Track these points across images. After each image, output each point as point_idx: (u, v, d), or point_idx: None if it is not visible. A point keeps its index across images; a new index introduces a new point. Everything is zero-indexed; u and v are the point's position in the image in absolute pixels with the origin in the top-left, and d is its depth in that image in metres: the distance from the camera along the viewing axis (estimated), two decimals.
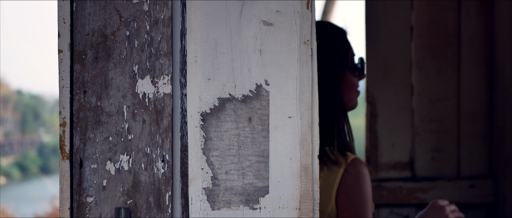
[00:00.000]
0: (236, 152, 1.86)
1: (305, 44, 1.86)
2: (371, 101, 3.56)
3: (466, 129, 3.53)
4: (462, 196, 3.51)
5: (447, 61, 3.52)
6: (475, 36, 3.49)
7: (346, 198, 2.43)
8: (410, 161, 3.57)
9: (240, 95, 1.86)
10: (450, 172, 3.55)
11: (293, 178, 1.86)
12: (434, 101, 3.53)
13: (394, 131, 3.56)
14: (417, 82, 3.54)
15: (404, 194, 3.51)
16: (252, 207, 1.86)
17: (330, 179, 2.47)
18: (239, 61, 1.86)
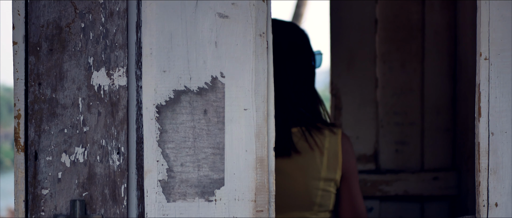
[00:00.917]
0: (191, 144, 1.86)
1: (260, 36, 1.87)
2: (335, 94, 3.57)
3: (430, 122, 3.55)
4: (425, 188, 3.53)
5: (411, 54, 3.54)
6: (439, 30, 3.51)
7: (354, 171, 2.57)
8: (374, 154, 3.58)
9: (195, 87, 1.86)
10: (414, 164, 3.57)
11: (248, 170, 1.87)
12: (398, 94, 3.55)
13: (358, 124, 3.57)
14: (381, 75, 3.56)
15: (368, 186, 3.53)
16: (208, 199, 1.87)
17: (331, 142, 2.52)
18: (194, 54, 1.86)
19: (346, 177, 2.56)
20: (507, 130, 1.93)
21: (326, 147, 2.51)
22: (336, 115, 3.56)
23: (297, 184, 2.49)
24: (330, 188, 2.52)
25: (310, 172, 2.50)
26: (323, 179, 2.51)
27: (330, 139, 2.52)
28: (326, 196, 2.52)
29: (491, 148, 1.93)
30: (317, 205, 2.51)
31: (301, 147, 2.49)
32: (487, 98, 1.93)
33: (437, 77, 3.53)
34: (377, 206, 3.56)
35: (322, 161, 2.51)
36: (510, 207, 1.94)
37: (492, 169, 1.94)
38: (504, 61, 1.92)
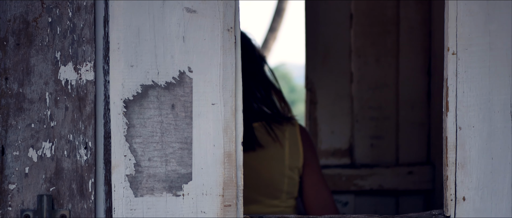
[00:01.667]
0: (159, 139, 1.86)
1: (228, 31, 1.87)
2: (310, 88, 3.58)
3: (404, 116, 3.56)
4: (400, 182, 3.54)
5: (386, 49, 3.55)
6: (413, 24, 3.52)
7: (315, 157, 2.72)
8: (349, 148, 3.59)
9: (163, 82, 1.86)
10: (388, 159, 3.58)
11: (216, 165, 1.87)
12: (373, 88, 3.56)
13: (333, 119, 3.58)
14: (357, 69, 3.56)
15: (343, 181, 3.54)
16: (175, 193, 1.87)
17: (292, 135, 2.66)
18: (162, 48, 1.86)
19: (307, 163, 2.69)
20: (475, 124, 1.94)
21: (286, 137, 2.64)
22: (311, 110, 3.57)
23: (264, 175, 2.61)
24: (294, 175, 2.65)
25: (275, 162, 2.62)
26: (288, 167, 2.63)
27: (289, 130, 2.66)
28: (292, 184, 2.65)
29: (458, 142, 1.94)
30: (285, 193, 2.64)
31: (264, 141, 2.61)
32: (454, 92, 1.94)
33: (412, 72, 3.54)
34: (352, 201, 3.57)
35: (285, 151, 2.63)
36: (478, 201, 1.95)
37: (460, 163, 1.94)
38: (472, 56, 1.93)
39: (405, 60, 3.54)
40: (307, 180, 2.70)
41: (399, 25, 3.53)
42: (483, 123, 1.94)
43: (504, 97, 1.94)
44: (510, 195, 1.95)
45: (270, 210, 2.63)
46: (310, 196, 2.70)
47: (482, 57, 1.94)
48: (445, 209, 1.96)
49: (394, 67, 3.55)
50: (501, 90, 1.94)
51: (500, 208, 1.95)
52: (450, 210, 1.95)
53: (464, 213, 1.95)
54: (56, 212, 1.84)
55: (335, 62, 3.56)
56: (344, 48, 3.55)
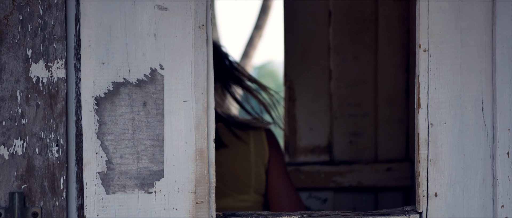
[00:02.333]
0: (131, 136, 1.86)
1: (200, 28, 1.87)
2: (289, 85, 3.58)
3: (383, 113, 3.57)
4: (379, 179, 3.56)
5: (364, 46, 3.56)
6: (392, 22, 3.53)
7: (280, 155, 2.78)
8: (328, 145, 3.60)
9: (134, 80, 1.86)
10: (367, 155, 3.59)
11: (188, 162, 1.88)
12: (352, 85, 3.57)
13: (312, 116, 3.59)
14: (335, 66, 3.57)
15: (322, 177, 3.54)
16: (147, 191, 1.87)
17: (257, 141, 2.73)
18: (133, 46, 1.86)
19: (273, 160, 2.74)
20: (446, 121, 1.95)
21: (251, 136, 2.71)
22: (290, 107, 3.58)
23: (232, 171, 2.67)
24: (261, 172, 2.71)
25: (241, 159, 2.68)
26: (254, 163, 2.69)
27: (254, 130, 2.74)
28: (259, 180, 2.70)
29: (430, 139, 1.95)
30: (252, 188, 2.70)
31: (228, 140, 2.68)
32: (426, 89, 1.95)
33: (391, 68, 3.55)
34: (331, 197, 3.58)
35: (250, 147, 2.69)
36: (450, 197, 1.96)
37: (432, 159, 1.96)
38: (443, 52, 1.94)
39: (384, 57, 3.55)
40: (273, 177, 2.74)
41: (377, 22, 3.54)
42: (455, 119, 1.95)
43: (476, 94, 1.95)
44: (481, 191, 1.97)
45: (241, 204, 2.68)
46: (275, 193, 2.74)
47: (453, 54, 1.95)
48: (417, 205, 1.97)
49: (373, 64, 3.56)
50: (472, 87, 1.95)
51: (472, 204, 1.97)
52: (422, 206, 1.96)
53: (436, 209, 1.96)
54: (28, 210, 1.84)
55: (313, 59, 3.56)
56: (323, 46, 3.56)
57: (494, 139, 1.95)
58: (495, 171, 1.95)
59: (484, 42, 1.95)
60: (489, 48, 1.95)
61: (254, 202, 2.72)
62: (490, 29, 1.95)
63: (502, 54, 1.93)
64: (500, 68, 1.94)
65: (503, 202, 1.95)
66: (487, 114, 1.96)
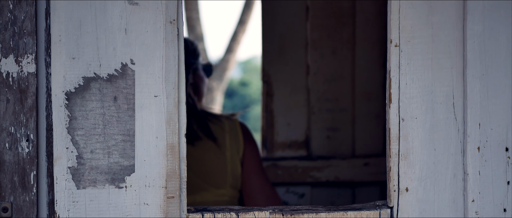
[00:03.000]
0: (101, 131, 1.86)
1: (171, 23, 1.87)
2: (267, 80, 3.59)
3: (360, 108, 3.58)
4: (356, 174, 3.57)
5: (342, 41, 3.56)
6: (369, 17, 3.54)
7: (254, 148, 2.81)
8: (305, 140, 3.61)
9: (105, 74, 1.86)
10: (345, 150, 3.60)
11: (159, 156, 1.87)
12: (329, 80, 3.58)
13: (290, 111, 3.59)
14: (313, 61, 3.58)
15: (299, 172, 3.55)
16: (118, 185, 1.87)
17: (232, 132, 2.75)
18: (104, 40, 1.86)
19: (248, 155, 2.76)
20: (418, 116, 1.96)
21: (226, 131, 2.73)
22: (268, 102, 3.58)
23: (208, 166, 2.69)
24: (236, 166, 2.73)
25: (216, 154, 2.70)
26: (229, 158, 2.71)
27: (229, 124, 2.76)
28: (235, 175, 2.73)
29: (401, 134, 1.96)
30: (229, 183, 2.71)
31: (203, 134, 2.70)
32: (397, 84, 1.95)
33: (368, 64, 3.56)
34: (309, 192, 3.58)
35: (225, 143, 2.72)
36: (421, 192, 1.97)
37: (403, 154, 1.96)
38: (414, 48, 1.95)
39: (361, 52, 3.56)
40: (247, 169, 2.76)
41: (355, 17, 3.54)
42: (426, 114, 1.96)
43: (447, 89, 1.96)
44: (452, 185, 1.98)
45: (219, 198, 2.70)
46: (249, 185, 2.76)
47: (424, 49, 1.95)
48: (389, 200, 1.98)
49: (350, 59, 3.57)
50: (443, 82, 1.96)
51: (442, 198, 1.97)
52: (393, 201, 1.97)
53: (407, 203, 1.97)
54: None
55: (291, 54, 3.57)
56: (301, 41, 3.57)
57: (465, 134, 1.96)
58: (465, 166, 1.96)
59: (455, 38, 1.96)
60: (460, 44, 1.96)
61: (231, 196, 2.73)
62: (461, 25, 1.96)
63: (473, 49, 1.94)
64: (471, 63, 1.94)
65: (473, 197, 1.96)
66: (458, 109, 1.97)
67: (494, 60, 1.95)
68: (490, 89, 1.95)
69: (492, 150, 1.96)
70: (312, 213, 1.94)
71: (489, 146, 1.96)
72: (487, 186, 1.96)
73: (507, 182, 1.97)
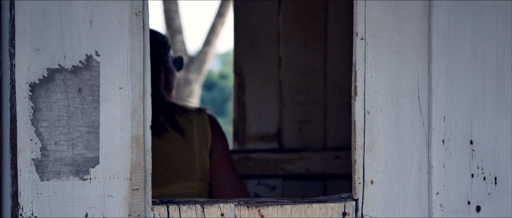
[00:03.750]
0: (66, 123, 1.85)
1: (136, 15, 1.87)
2: (239, 73, 3.59)
3: (332, 101, 3.59)
4: (327, 167, 3.58)
5: (314, 34, 3.57)
6: (341, 10, 3.55)
7: (223, 140, 2.82)
8: (277, 133, 3.62)
9: (70, 66, 1.85)
10: (316, 143, 3.61)
11: (124, 148, 1.87)
12: (301, 73, 3.58)
13: (261, 103, 3.60)
14: (285, 54, 3.58)
15: (271, 165, 3.56)
16: (82, 177, 1.86)
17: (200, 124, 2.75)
18: (69, 32, 1.85)
19: (216, 147, 2.77)
20: (383, 109, 1.97)
21: (194, 124, 2.73)
22: (240, 94, 3.58)
23: (178, 158, 2.69)
24: (205, 159, 2.73)
25: (185, 147, 2.70)
26: (198, 151, 2.71)
27: (197, 117, 2.75)
28: (204, 168, 2.73)
29: (367, 126, 1.97)
30: (198, 176, 2.72)
31: (171, 126, 2.70)
32: (363, 77, 1.96)
33: (340, 56, 3.57)
34: (280, 185, 3.59)
35: (194, 134, 2.72)
36: (386, 185, 1.98)
37: (368, 147, 1.97)
38: (380, 41, 1.96)
39: (333, 45, 3.57)
40: (215, 161, 2.77)
41: (327, 10, 3.55)
42: (391, 107, 1.97)
43: (412, 82, 1.97)
44: (417, 178, 1.99)
45: (189, 191, 2.70)
46: (217, 177, 2.77)
47: (390, 42, 1.96)
48: (354, 192, 1.99)
49: (322, 52, 3.57)
50: (409, 75, 1.97)
51: (407, 191, 1.99)
52: (358, 193, 1.98)
53: (372, 196, 1.98)
54: None
55: (263, 47, 3.57)
56: (273, 33, 3.57)
57: (430, 127, 1.97)
58: (430, 158, 1.98)
59: (420, 31, 1.97)
60: (426, 37, 1.97)
61: (201, 189, 2.73)
62: (427, 18, 1.96)
63: (438, 43, 1.95)
64: (436, 57, 1.95)
65: (438, 189, 1.97)
66: (423, 102, 1.98)
67: (459, 54, 1.96)
68: (455, 82, 1.96)
69: (457, 143, 1.97)
70: (277, 205, 1.95)
71: (453, 139, 1.97)
72: (451, 178, 1.97)
73: (471, 175, 1.98)
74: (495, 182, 2.00)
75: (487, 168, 1.99)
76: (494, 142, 1.99)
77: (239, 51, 3.58)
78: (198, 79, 12.53)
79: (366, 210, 1.98)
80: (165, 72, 2.83)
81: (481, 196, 1.99)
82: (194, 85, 12.50)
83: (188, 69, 12.20)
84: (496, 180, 1.99)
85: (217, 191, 2.75)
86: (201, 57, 12.43)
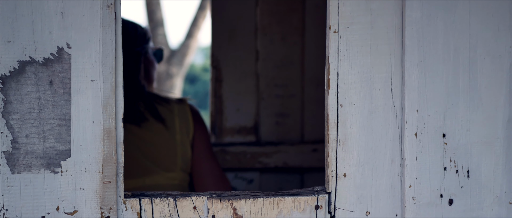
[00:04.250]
0: (37, 116, 1.84)
1: (108, 7, 1.86)
2: (216, 66, 3.58)
3: (310, 94, 3.59)
4: (305, 160, 3.58)
5: (292, 27, 3.57)
6: (319, 3, 3.55)
7: (204, 131, 2.82)
8: (254, 126, 3.61)
9: (41, 58, 1.84)
10: (294, 136, 3.61)
11: (95, 141, 1.86)
12: (279, 66, 3.58)
13: (239, 96, 3.59)
14: (262, 47, 3.58)
15: (248, 158, 3.56)
16: (54, 170, 1.86)
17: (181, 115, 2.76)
18: (40, 24, 1.84)
19: (198, 138, 2.77)
20: (356, 102, 1.97)
21: (176, 114, 2.73)
22: (217, 88, 3.58)
23: (159, 149, 2.69)
24: (187, 150, 2.73)
25: (167, 137, 2.70)
26: (179, 142, 2.71)
27: (178, 107, 2.76)
28: (185, 159, 2.73)
29: (340, 119, 1.97)
30: (179, 167, 2.72)
31: (150, 115, 2.71)
32: (336, 70, 1.96)
33: (317, 50, 3.57)
34: (257, 178, 3.59)
35: (175, 125, 2.72)
36: (359, 177, 1.98)
37: (341, 140, 1.97)
38: (353, 34, 1.96)
39: (311, 38, 3.56)
40: (197, 152, 2.76)
41: (304, 3, 3.55)
42: (364, 100, 1.97)
43: (385, 75, 1.97)
44: (390, 171, 1.99)
45: (169, 182, 2.70)
46: (199, 168, 2.77)
47: (363, 35, 1.96)
48: (327, 185, 1.99)
49: (300, 45, 3.57)
50: (382, 68, 1.97)
51: (380, 184, 1.99)
52: (331, 187, 1.98)
53: (345, 189, 1.98)
54: None
55: (241, 40, 3.57)
56: (250, 26, 3.56)
57: (403, 120, 1.98)
58: (403, 151, 1.98)
59: (394, 24, 1.97)
60: (399, 30, 1.97)
61: (181, 180, 2.73)
62: (400, 11, 1.97)
63: (411, 36, 1.95)
64: (409, 50, 1.96)
65: (410, 182, 1.98)
66: (396, 95, 1.98)
67: (431, 47, 1.96)
68: (428, 75, 1.97)
69: (429, 136, 1.98)
70: (250, 198, 1.95)
71: (426, 132, 1.98)
72: (424, 171, 1.98)
73: (443, 168, 1.99)
74: (468, 175, 2.00)
75: (460, 161, 1.99)
76: (466, 135, 1.99)
77: (217, 44, 3.57)
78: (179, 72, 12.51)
79: (339, 203, 1.98)
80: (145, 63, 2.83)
81: (453, 189, 2.00)
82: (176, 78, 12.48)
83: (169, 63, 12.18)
84: (469, 173, 2.00)
85: (199, 182, 2.75)
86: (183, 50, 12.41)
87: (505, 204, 2.02)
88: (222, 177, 2.78)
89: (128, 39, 2.74)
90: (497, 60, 1.99)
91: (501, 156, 2.01)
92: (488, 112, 2.00)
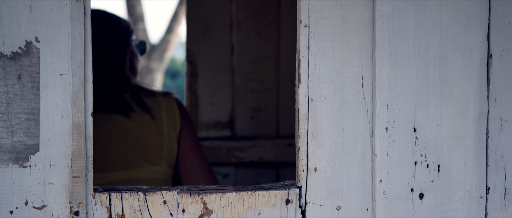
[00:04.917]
0: (5, 110, 1.83)
1: (77, 1, 1.85)
2: (191, 60, 3.58)
3: (285, 89, 3.59)
4: (280, 154, 3.58)
5: (267, 22, 3.57)
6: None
7: (190, 124, 2.81)
8: (230, 121, 3.61)
9: (9, 52, 1.83)
10: (269, 131, 3.61)
11: (64, 136, 1.86)
12: (254, 61, 3.58)
13: (214, 91, 3.59)
14: (238, 42, 3.57)
15: (223, 153, 3.55)
16: (22, 165, 1.84)
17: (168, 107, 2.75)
18: (8, 18, 1.83)
19: (184, 131, 2.76)
20: (327, 96, 1.97)
21: (163, 107, 2.73)
22: (192, 82, 3.57)
23: (144, 141, 2.68)
24: (173, 143, 2.72)
25: (153, 130, 2.69)
26: (166, 135, 2.70)
27: (165, 100, 2.75)
28: (171, 152, 2.72)
29: (310, 114, 1.97)
30: (164, 160, 2.71)
31: (137, 106, 2.70)
32: (307, 65, 1.96)
33: (293, 45, 3.56)
34: (233, 173, 3.59)
35: (162, 118, 2.71)
36: (329, 172, 1.98)
37: (312, 134, 1.97)
38: (324, 28, 1.95)
39: (286, 33, 3.56)
40: (184, 146, 2.76)
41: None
42: (335, 94, 1.97)
43: (356, 69, 1.98)
44: (360, 165, 1.99)
45: (153, 176, 2.69)
46: (187, 162, 2.77)
47: (334, 30, 1.96)
48: (297, 180, 1.99)
49: (275, 40, 3.57)
50: (352, 63, 1.97)
51: (351, 178, 1.99)
52: (302, 181, 1.98)
53: (316, 183, 1.98)
54: None
55: (216, 34, 3.56)
56: (225, 21, 3.56)
57: (373, 115, 1.98)
58: (374, 146, 1.98)
59: (364, 19, 1.97)
60: (370, 25, 1.97)
61: (165, 174, 2.73)
62: (371, 6, 1.97)
63: (382, 30, 1.96)
64: (380, 45, 1.96)
65: (381, 177, 1.98)
66: (367, 90, 1.98)
67: (402, 41, 1.97)
68: (398, 70, 1.97)
69: (400, 131, 1.98)
70: (220, 192, 1.95)
71: (397, 126, 1.98)
72: (394, 166, 1.98)
73: (414, 162, 1.99)
74: (438, 169, 2.01)
75: (430, 155, 2.00)
76: (437, 129, 2.00)
77: (192, 38, 3.56)
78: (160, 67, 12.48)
79: (310, 198, 1.98)
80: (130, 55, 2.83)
81: (424, 184, 2.00)
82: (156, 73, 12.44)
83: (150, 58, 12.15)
84: (439, 167, 2.01)
85: (187, 176, 2.75)
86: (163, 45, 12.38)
87: (476, 199, 2.03)
88: (209, 170, 2.79)
89: (112, 32, 2.75)
90: (468, 54, 2.00)
91: (471, 150, 2.02)
92: (458, 106, 2.00)
